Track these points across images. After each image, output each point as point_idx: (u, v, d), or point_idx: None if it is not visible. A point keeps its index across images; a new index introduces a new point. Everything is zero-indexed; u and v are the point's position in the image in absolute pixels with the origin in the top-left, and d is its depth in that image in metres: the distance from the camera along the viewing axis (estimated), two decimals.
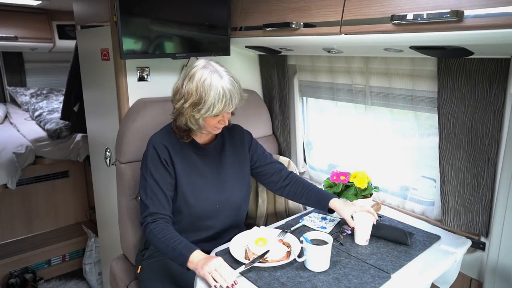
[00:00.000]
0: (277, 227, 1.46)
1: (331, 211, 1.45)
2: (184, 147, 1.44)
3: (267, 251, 1.22)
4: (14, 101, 3.83)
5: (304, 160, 2.19)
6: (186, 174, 1.42)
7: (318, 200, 1.47)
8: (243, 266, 1.16)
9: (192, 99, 1.30)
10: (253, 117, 2.06)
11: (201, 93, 1.28)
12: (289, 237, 1.34)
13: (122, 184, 1.69)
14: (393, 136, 1.75)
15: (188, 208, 1.42)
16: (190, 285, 1.21)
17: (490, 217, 1.39)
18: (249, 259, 1.21)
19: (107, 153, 1.98)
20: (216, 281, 1.10)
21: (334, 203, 1.42)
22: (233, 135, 1.57)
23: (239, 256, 1.22)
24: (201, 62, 1.35)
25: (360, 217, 1.33)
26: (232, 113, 1.44)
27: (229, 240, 1.34)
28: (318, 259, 1.18)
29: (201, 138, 1.48)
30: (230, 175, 1.51)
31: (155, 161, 1.38)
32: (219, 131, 1.43)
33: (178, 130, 1.42)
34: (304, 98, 2.11)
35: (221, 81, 1.29)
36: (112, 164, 1.92)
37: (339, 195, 1.51)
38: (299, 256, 1.21)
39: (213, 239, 1.47)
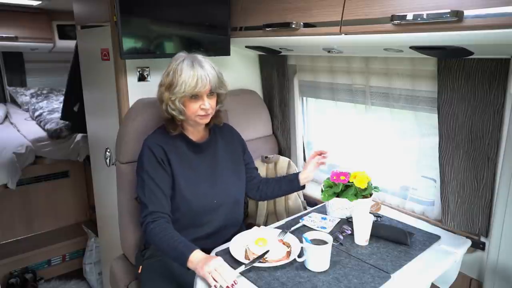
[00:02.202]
0: (277, 227, 1.46)
1: (303, 187, 1.60)
2: (178, 145, 1.46)
3: (267, 251, 1.22)
4: (14, 101, 3.83)
5: (304, 160, 2.19)
6: (183, 171, 1.43)
7: (290, 180, 1.61)
8: (243, 266, 1.16)
9: (167, 82, 1.38)
10: (253, 117, 2.06)
11: (174, 74, 1.37)
12: (289, 237, 1.34)
13: (122, 184, 1.69)
14: (393, 136, 1.75)
15: (186, 205, 1.43)
16: (190, 285, 1.21)
17: (490, 217, 1.38)
18: (249, 259, 1.21)
19: (107, 153, 1.98)
20: (216, 281, 1.10)
21: (301, 174, 1.58)
22: (224, 132, 1.61)
23: (239, 256, 1.22)
24: (180, 53, 1.43)
25: (360, 217, 1.33)
26: (218, 102, 1.47)
27: (229, 237, 1.34)
28: (318, 259, 1.18)
29: (194, 134, 1.50)
30: (225, 169, 1.53)
31: (152, 161, 1.40)
32: (204, 120, 1.43)
33: (166, 123, 1.46)
34: (304, 98, 2.11)
35: (193, 64, 1.36)
36: (112, 164, 1.92)
37: (339, 195, 1.51)
38: (299, 256, 1.21)
39: (212, 236, 1.48)
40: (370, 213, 1.43)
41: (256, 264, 1.18)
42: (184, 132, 1.49)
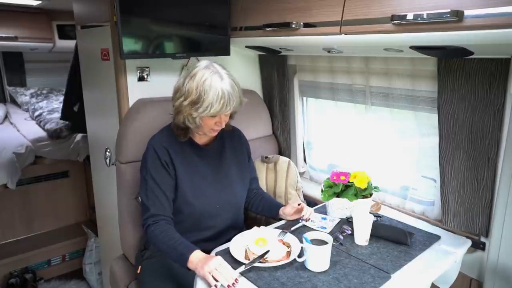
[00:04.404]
0: (277, 227, 1.46)
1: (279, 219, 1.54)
2: (184, 148, 1.45)
3: (267, 251, 1.22)
4: (14, 101, 3.83)
5: (304, 160, 2.19)
6: (187, 174, 1.43)
7: (272, 207, 1.57)
8: (243, 266, 1.16)
9: (191, 97, 1.31)
10: (253, 117, 2.06)
11: (201, 92, 1.30)
12: (289, 237, 1.34)
13: (122, 184, 1.69)
14: (393, 136, 1.75)
15: (189, 208, 1.42)
16: (190, 285, 1.21)
17: (490, 217, 1.38)
18: (249, 259, 1.21)
19: (107, 153, 1.98)
20: (217, 280, 1.10)
21: (282, 209, 1.51)
22: (232, 136, 1.59)
23: (239, 256, 1.22)
24: (203, 62, 1.37)
25: (360, 217, 1.33)
26: (231, 117, 1.47)
27: (230, 239, 1.34)
28: (318, 259, 1.18)
29: (201, 139, 1.49)
30: (230, 176, 1.52)
31: (156, 162, 1.39)
32: (215, 133, 1.44)
33: (176, 129, 1.43)
34: (304, 98, 2.11)
35: (221, 82, 1.30)
36: (112, 164, 1.92)
37: (339, 195, 1.51)
38: (299, 256, 1.21)
39: (214, 239, 1.48)
40: (370, 213, 1.43)
41: (256, 264, 1.18)
42: (191, 136, 1.48)
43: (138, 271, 1.50)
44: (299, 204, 1.46)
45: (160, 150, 1.40)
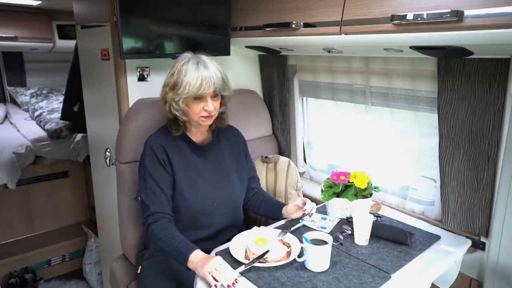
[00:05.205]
0: (277, 227, 1.46)
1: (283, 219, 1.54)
2: (180, 146, 1.46)
3: (267, 251, 1.22)
4: (14, 101, 3.83)
5: (304, 160, 2.19)
6: (184, 172, 1.43)
7: (275, 207, 1.56)
8: (243, 266, 1.16)
9: (171, 83, 1.37)
10: (253, 117, 2.06)
11: (179, 74, 1.36)
12: (289, 237, 1.34)
13: (122, 184, 1.69)
14: (393, 136, 1.75)
15: (187, 206, 1.43)
16: (190, 285, 1.22)
17: (490, 217, 1.38)
18: (249, 259, 1.21)
19: (107, 153, 1.98)
20: (217, 280, 1.10)
21: (285, 208, 1.51)
22: (229, 134, 1.60)
23: (239, 256, 1.22)
24: (186, 53, 1.43)
25: (360, 217, 1.33)
26: (222, 104, 1.47)
27: (229, 239, 1.34)
28: (318, 259, 1.18)
29: (197, 136, 1.50)
30: (228, 173, 1.53)
31: (153, 161, 1.40)
32: (206, 121, 1.42)
33: (169, 124, 1.46)
34: (304, 98, 2.11)
35: (198, 65, 1.36)
36: (112, 164, 1.92)
37: (339, 195, 1.51)
38: (299, 256, 1.21)
39: (213, 238, 1.48)
40: (370, 213, 1.43)
41: (256, 264, 1.18)
42: (187, 133, 1.48)
43: (138, 271, 1.50)
44: (303, 204, 1.44)
45: (157, 148, 1.41)
